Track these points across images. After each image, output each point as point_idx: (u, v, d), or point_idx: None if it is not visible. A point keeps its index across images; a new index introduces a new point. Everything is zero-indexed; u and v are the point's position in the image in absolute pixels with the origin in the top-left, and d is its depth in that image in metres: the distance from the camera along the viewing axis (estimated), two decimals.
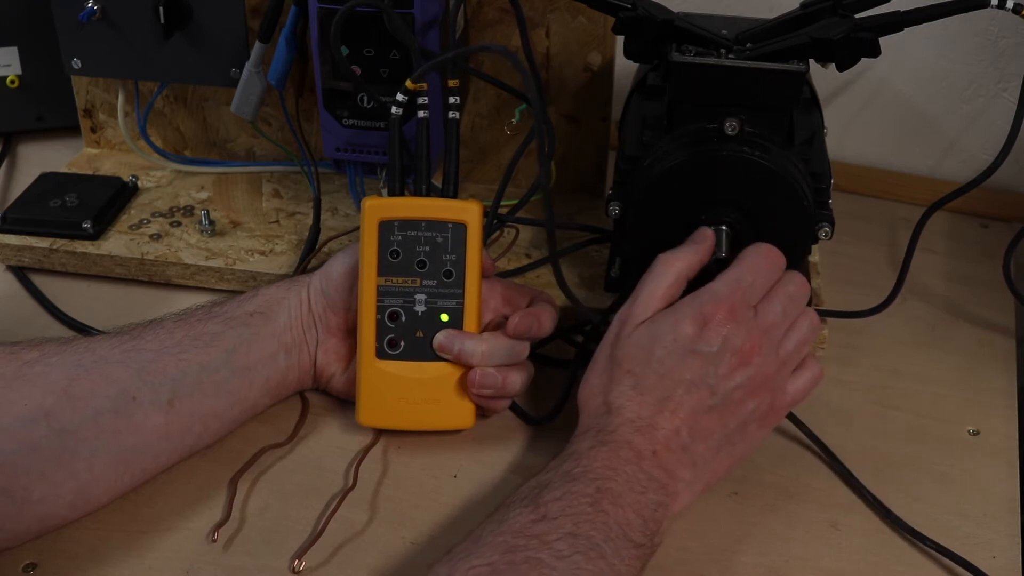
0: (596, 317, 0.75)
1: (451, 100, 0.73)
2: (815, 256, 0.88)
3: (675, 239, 0.75)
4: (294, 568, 0.64)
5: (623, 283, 0.83)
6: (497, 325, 0.73)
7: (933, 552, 0.66)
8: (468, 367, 0.71)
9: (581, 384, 0.69)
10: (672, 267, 0.69)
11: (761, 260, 0.69)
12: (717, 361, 0.65)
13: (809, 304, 0.72)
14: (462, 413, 0.72)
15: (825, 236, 0.76)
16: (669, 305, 0.68)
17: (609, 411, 0.65)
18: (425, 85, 0.72)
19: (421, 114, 0.73)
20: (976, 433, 0.76)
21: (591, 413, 0.67)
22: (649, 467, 0.63)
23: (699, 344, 0.65)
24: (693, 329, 0.65)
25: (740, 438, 0.66)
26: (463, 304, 0.71)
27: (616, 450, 0.63)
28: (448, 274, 0.71)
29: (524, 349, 0.72)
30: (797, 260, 0.79)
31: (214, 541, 0.65)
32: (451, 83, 0.74)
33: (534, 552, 0.57)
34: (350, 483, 0.69)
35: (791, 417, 0.75)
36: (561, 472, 0.62)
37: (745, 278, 0.67)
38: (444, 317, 0.71)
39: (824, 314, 0.82)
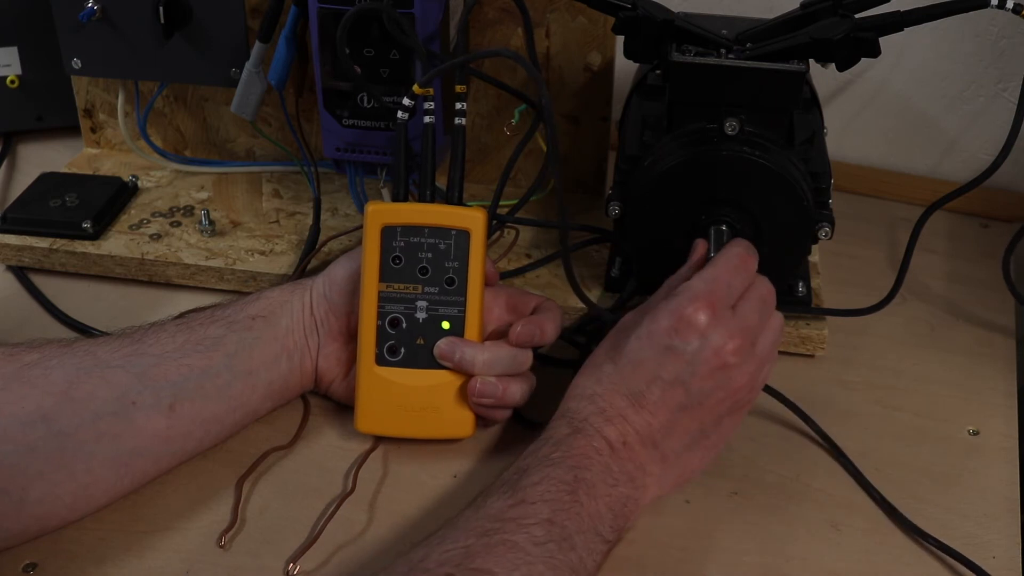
0: (609, 316, 0.75)
1: (458, 106, 0.73)
2: (815, 256, 0.88)
3: (675, 239, 0.75)
4: (288, 572, 0.63)
5: (623, 283, 0.83)
6: (501, 333, 0.72)
7: (934, 551, 0.66)
8: (468, 375, 0.71)
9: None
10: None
11: (738, 261, 0.68)
12: (696, 361, 0.64)
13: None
14: (461, 422, 0.72)
15: (825, 236, 0.76)
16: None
17: (585, 396, 0.66)
18: (431, 90, 0.72)
19: (427, 119, 0.73)
20: (976, 433, 0.76)
21: (572, 394, 0.67)
22: (620, 459, 0.63)
23: (676, 341, 0.64)
24: (668, 323, 0.64)
25: (714, 430, 0.66)
26: (465, 312, 0.71)
27: (590, 439, 0.63)
28: (450, 281, 0.71)
29: (527, 358, 0.72)
30: (797, 260, 0.79)
31: (222, 546, 0.65)
32: (459, 88, 0.73)
33: (510, 535, 0.57)
34: (349, 487, 0.69)
35: (799, 414, 0.75)
36: (540, 456, 0.62)
37: (722, 277, 0.66)
38: (445, 325, 0.71)
39: (824, 313, 0.82)
